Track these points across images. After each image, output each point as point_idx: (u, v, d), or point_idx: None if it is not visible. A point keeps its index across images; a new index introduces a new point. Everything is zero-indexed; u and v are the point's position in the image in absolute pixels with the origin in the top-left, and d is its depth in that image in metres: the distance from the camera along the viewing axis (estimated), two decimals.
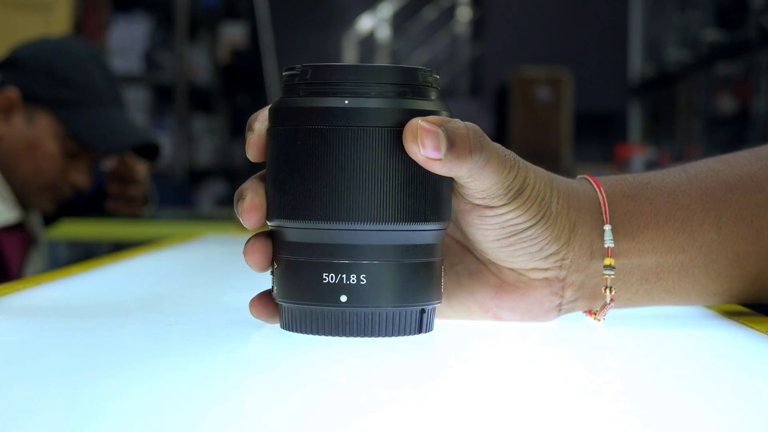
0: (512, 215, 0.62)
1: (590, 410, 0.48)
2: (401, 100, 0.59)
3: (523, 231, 0.63)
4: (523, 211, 0.62)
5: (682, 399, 0.50)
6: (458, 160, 0.58)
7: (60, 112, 1.73)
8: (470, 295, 0.66)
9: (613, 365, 0.60)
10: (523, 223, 0.62)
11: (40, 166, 1.73)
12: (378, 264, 0.59)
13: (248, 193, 0.62)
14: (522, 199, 0.62)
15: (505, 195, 0.61)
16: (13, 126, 1.72)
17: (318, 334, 0.60)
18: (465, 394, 0.51)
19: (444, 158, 0.58)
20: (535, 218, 0.62)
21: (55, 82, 1.73)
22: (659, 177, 0.69)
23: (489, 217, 0.62)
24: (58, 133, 1.73)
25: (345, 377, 0.54)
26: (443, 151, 0.58)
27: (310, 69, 0.60)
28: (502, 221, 0.62)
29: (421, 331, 0.61)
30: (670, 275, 0.67)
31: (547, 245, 0.64)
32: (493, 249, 0.64)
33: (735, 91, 4.61)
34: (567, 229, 0.64)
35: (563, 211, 0.64)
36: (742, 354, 0.62)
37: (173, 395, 0.49)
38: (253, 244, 0.62)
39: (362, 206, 0.58)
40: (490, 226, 0.62)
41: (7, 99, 1.70)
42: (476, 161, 0.59)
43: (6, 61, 1.75)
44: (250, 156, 0.63)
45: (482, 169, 0.59)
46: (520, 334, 0.65)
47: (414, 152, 0.58)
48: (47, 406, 0.46)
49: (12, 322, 0.69)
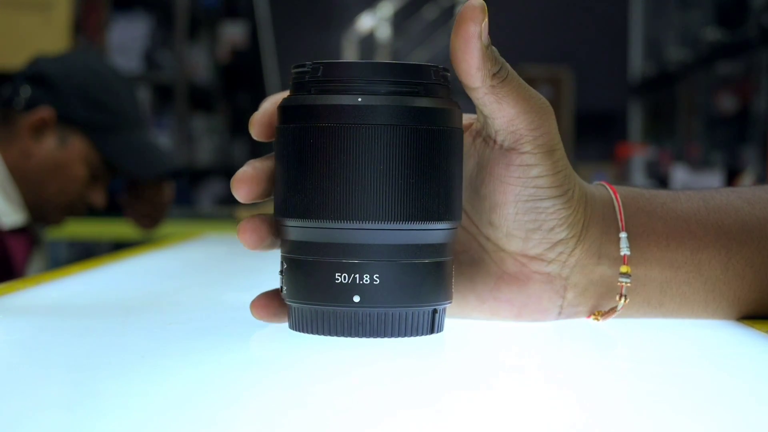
0: (537, 170, 0.62)
1: (590, 410, 0.48)
2: (415, 98, 0.59)
3: (543, 199, 0.62)
4: (550, 172, 0.62)
5: (682, 398, 0.50)
6: (492, 57, 0.60)
7: (94, 136, 1.74)
8: (469, 284, 0.65)
9: (614, 365, 0.60)
10: (546, 188, 0.62)
11: (66, 188, 1.74)
12: (392, 263, 0.59)
13: (245, 165, 0.62)
14: (551, 158, 0.62)
15: (535, 140, 0.61)
16: (43, 146, 1.72)
17: (329, 334, 0.59)
18: (479, 397, 0.51)
19: (486, 43, 0.60)
20: (559, 189, 0.62)
21: (90, 106, 1.74)
22: (677, 199, 0.68)
23: (516, 167, 0.62)
24: (90, 158, 1.74)
25: (356, 378, 0.54)
26: (485, 40, 0.60)
27: (322, 66, 0.59)
28: (527, 178, 0.62)
29: (433, 332, 0.61)
30: (671, 303, 0.67)
31: (560, 227, 0.63)
32: (508, 216, 0.63)
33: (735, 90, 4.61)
34: (581, 222, 0.64)
35: (581, 203, 0.64)
36: (743, 354, 0.62)
37: (173, 395, 0.49)
38: (247, 222, 0.62)
39: (378, 205, 0.57)
40: (515, 180, 0.62)
41: (41, 119, 1.70)
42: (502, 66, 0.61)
43: (33, 76, 1.74)
44: (254, 133, 0.62)
45: (509, 82, 0.61)
46: (526, 334, 0.65)
47: (476, 22, 0.60)
48: (47, 406, 0.46)
49: (12, 322, 0.69)
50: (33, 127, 1.70)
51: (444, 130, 0.59)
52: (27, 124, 1.70)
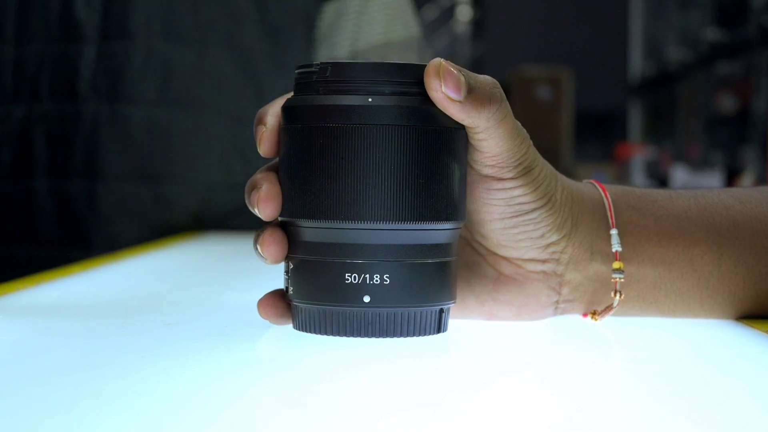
0: (519, 191, 0.62)
1: (590, 410, 0.48)
2: (423, 98, 0.59)
3: (527, 213, 0.63)
4: (531, 189, 0.62)
5: (682, 398, 0.50)
6: (477, 106, 0.58)
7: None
8: (468, 287, 0.66)
9: (613, 365, 0.60)
10: (529, 203, 0.62)
11: None
12: (401, 263, 0.59)
13: (263, 182, 0.61)
14: (531, 177, 0.62)
15: (515, 167, 0.61)
16: None
17: (338, 335, 0.59)
18: (480, 396, 0.51)
19: (464, 101, 0.58)
20: (541, 200, 0.62)
21: None
22: (668, 197, 0.68)
23: (496, 191, 0.62)
24: None
25: (358, 378, 0.54)
26: (463, 93, 0.58)
27: (330, 66, 0.59)
28: (509, 197, 0.62)
29: (440, 331, 0.61)
30: (666, 299, 0.67)
31: (549, 232, 0.63)
32: (496, 230, 0.64)
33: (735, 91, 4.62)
34: (569, 221, 0.64)
35: (567, 203, 0.64)
36: (742, 354, 0.62)
37: (173, 395, 0.49)
38: (270, 235, 0.61)
39: (388, 205, 0.57)
40: (497, 201, 0.62)
41: None
42: (493, 112, 0.59)
43: None
44: (262, 151, 0.62)
45: (498, 123, 0.59)
46: (525, 333, 0.65)
47: (435, 88, 0.58)
48: (47, 406, 0.46)
49: (12, 322, 0.69)
50: None
51: (451, 129, 0.59)
52: None
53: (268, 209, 0.61)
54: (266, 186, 0.61)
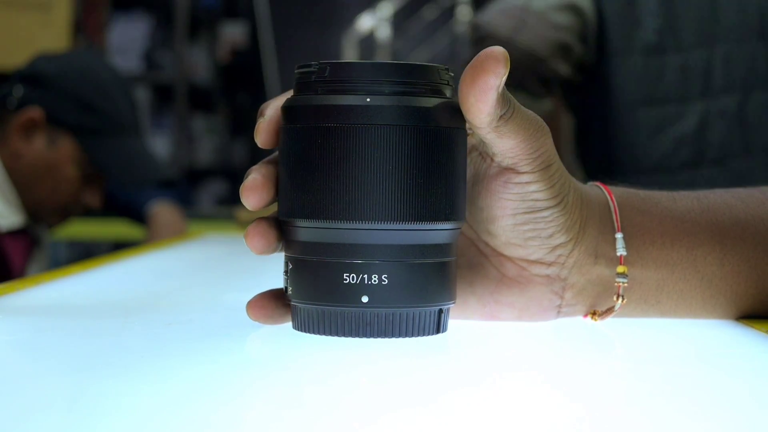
0: (535, 187, 0.62)
1: (590, 410, 0.48)
2: (422, 98, 0.58)
3: (540, 210, 0.62)
4: (547, 186, 0.62)
5: (682, 398, 0.50)
6: (502, 100, 0.58)
7: (83, 139, 1.72)
8: (469, 288, 0.65)
9: (614, 365, 0.60)
10: (543, 200, 0.62)
11: (57, 188, 1.73)
12: (400, 264, 0.59)
13: (251, 172, 0.61)
14: (548, 173, 0.62)
15: (534, 161, 0.61)
16: (33, 146, 1.71)
17: (337, 335, 0.59)
18: (480, 396, 0.51)
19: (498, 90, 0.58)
20: (555, 199, 0.62)
21: (81, 108, 1.72)
22: (671, 199, 0.68)
23: (513, 184, 0.62)
24: (79, 159, 1.73)
25: (356, 378, 0.54)
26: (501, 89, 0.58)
27: (329, 66, 0.59)
28: (524, 192, 0.62)
29: (439, 331, 0.61)
30: (668, 300, 0.67)
31: (559, 233, 0.63)
32: (506, 227, 0.63)
33: None
34: (578, 224, 0.64)
35: (577, 205, 0.64)
36: (742, 354, 0.62)
37: (173, 395, 0.49)
38: (255, 227, 0.61)
39: (387, 206, 0.57)
40: (512, 196, 0.62)
41: (30, 119, 1.69)
42: (509, 106, 0.59)
43: (28, 75, 1.74)
44: (259, 141, 0.62)
45: (506, 122, 0.59)
46: (525, 334, 0.65)
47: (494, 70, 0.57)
48: (47, 406, 0.46)
49: (12, 322, 0.69)
50: (22, 126, 1.69)
51: (450, 129, 0.59)
52: (16, 124, 1.70)
53: (251, 198, 0.61)
54: (252, 176, 0.61)
